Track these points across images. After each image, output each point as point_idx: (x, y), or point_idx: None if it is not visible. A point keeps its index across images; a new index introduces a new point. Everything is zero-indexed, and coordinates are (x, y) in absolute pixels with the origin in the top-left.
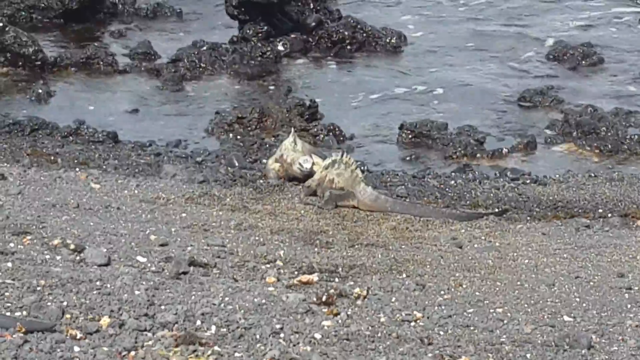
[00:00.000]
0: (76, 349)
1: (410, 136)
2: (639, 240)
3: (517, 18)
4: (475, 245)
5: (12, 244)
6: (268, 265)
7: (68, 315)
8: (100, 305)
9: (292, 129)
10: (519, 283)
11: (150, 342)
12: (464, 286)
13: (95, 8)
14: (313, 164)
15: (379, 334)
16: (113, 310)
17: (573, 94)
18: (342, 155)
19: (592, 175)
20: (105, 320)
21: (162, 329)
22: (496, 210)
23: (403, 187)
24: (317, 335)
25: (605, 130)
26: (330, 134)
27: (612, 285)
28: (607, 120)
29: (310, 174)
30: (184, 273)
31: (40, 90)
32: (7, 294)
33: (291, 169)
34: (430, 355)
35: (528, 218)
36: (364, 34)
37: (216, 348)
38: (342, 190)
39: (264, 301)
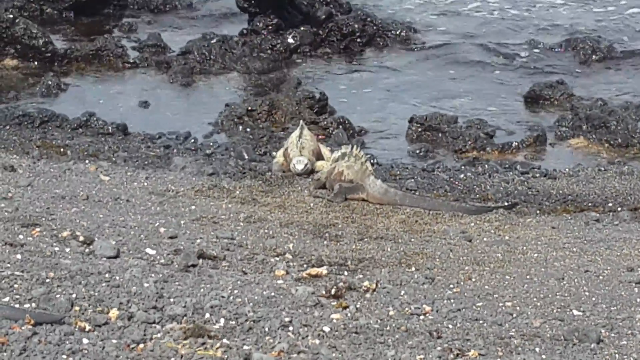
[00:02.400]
0: (85, 341)
1: (419, 129)
2: None
3: (527, 11)
4: (485, 239)
5: (21, 236)
6: (277, 258)
7: (77, 308)
8: (109, 297)
9: (301, 122)
10: (528, 277)
11: (159, 335)
12: (473, 280)
13: (106, 0)
14: (306, 164)
15: (388, 327)
16: (122, 302)
17: (583, 87)
18: (352, 148)
19: (602, 169)
20: (114, 313)
21: (170, 322)
22: (506, 203)
23: (412, 180)
24: (326, 328)
25: (616, 124)
26: (340, 127)
27: (622, 279)
28: (617, 114)
29: (303, 174)
30: (193, 265)
31: (50, 82)
32: (16, 285)
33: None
34: (439, 348)
35: (537, 212)
36: (374, 27)
37: (225, 341)
38: (352, 183)
39: (272, 294)
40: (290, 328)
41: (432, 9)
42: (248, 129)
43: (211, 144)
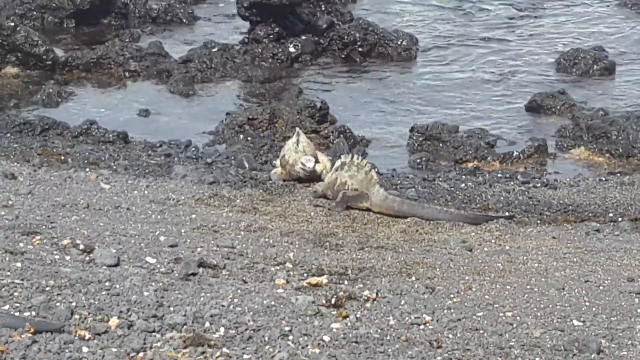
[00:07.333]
0: (85, 349)
1: (420, 139)
2: None
3: (529, 22)
4: (485, 249)
5: (21, 244)
6: (277, 267)
7: (77, 316)
8: (109, 305)
9: (297, 129)
10: (528, 287)
11: (158, 344)
12: (474, 289)
13: (107, 9)
14: (316, 163)
15: (388, 337)
16: (122, 311)
17: (584, 98)
18: (352, 157)
19: (603, 179)
20: (114, 321)
21: (170, 330)
22: (506, 213)
23: (413, 189)
24: (326, 338)
25: (616, 134)
26: (341, 136)
27: (622, 289)
28: (618, 124)
29: (313, 172)
30: (193, 274)
31: (50, 91)
32: (16, 294)
33: (294, 170)
34: (439, 358)
35: (538, 222)
36: (375, 36)
37: (225, 350)
38: (357, 192)
39: (273, 303)
40: (290, 337)
41: (433, 20)
42: (249, 138)
43: (212, 152)
